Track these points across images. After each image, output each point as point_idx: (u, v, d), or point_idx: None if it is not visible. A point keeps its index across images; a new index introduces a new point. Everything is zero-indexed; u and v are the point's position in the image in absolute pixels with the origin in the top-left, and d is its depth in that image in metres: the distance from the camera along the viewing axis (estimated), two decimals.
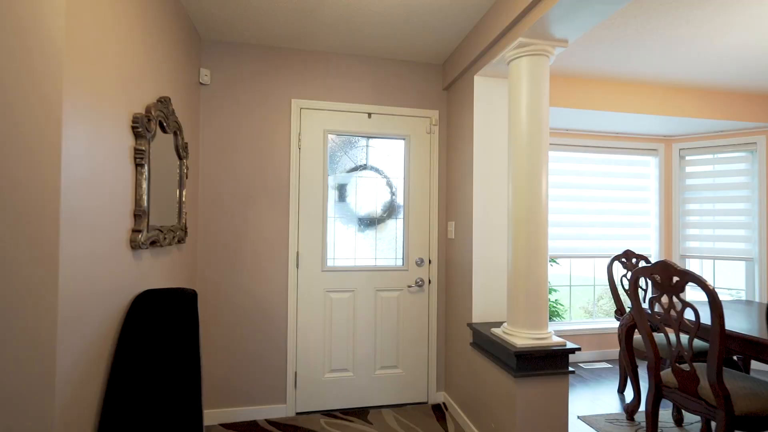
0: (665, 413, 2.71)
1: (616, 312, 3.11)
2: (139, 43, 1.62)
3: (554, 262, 4.67)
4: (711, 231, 3.90)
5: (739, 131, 3.74)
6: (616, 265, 4.96)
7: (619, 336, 2.73)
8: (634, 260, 3.24)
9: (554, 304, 4.71)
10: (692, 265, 4.10)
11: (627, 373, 2.82)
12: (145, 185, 1.61)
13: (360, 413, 2.66)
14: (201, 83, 2.50)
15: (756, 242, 3.66)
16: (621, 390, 3.06)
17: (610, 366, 3.70)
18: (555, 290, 4.77)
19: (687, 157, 4.01)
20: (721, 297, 4.36)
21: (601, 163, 3.97)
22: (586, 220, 3.90)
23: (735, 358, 3.09)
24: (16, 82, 1.06)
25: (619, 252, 3.89)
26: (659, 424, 2.56)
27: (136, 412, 1.41)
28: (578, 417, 2.67)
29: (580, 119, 3.48)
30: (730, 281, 4.49)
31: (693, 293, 4.23)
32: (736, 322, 2.25)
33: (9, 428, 1.02)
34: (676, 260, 4.00)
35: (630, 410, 2.63)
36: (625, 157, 4.03)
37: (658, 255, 4.04)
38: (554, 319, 4.65)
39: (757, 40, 2.47)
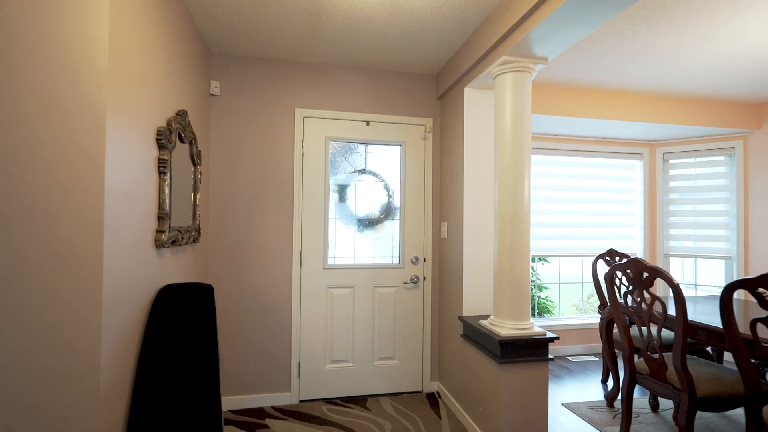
0: (643, 401, 2.92)
1: (599, 307, 3.31)
2: (162, 63, 1.81)
3: (544, 260, 4.87)
4: (693, 231, 4.11)
5: (718, 136, 3.95)
6: (601, 263, 5.16)
7: (600, 329, 2.93)
8: (617, 258, 3.43)
9: (544, 301, 4.91)
10: (675, 264, 4.30)
11: (607, 363, 3.02)
12: (167, 191, 1.81)
13: (359, 401, 2.86)
14: (211, 94, 2.69)
15: (734, 242, 3.87)
16: (604, 380, 3.26)
17: (596, 359, 3.91)
18: (546, 288, 4.97)
19: (670, 161, 4.22)
20: (704, 293, 4.56)
21: (589, 167, 4.17)
22: (574, 221, 4.10)
23: (709, 350, 3.30)
24: (68, 105, 1.25)
25: (605, 251, 4.08)
26: (638, 411, 2.76)
27: (162, 391, 1.60)
28: (562, 404, 2.87)
29: (569, 125, 3.68)
30: (711, 279, 4.70)
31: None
32: (713, 317, 2.44)
33: (66, 397, 1.21)
34: (659, 259, 4.20)
35: (610, 397, 2.84)
36: (612, 160, 4.23)
37: (642, 254, 4.24)
38: (544, 315, 4.85)
39: (729, 55, 2.67)
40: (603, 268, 5.33)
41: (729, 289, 1.74)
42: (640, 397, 2.99)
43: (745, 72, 2.95)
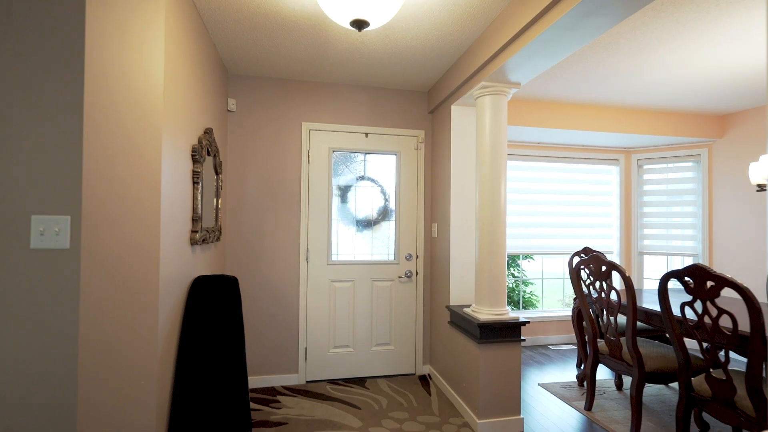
0: (609, 381, 3.29)
1: (574, 299, 3.68)
2: (195, 90, 2.16)
3: (530, 258, 5.23)
4: (664, 231, 4.49)
5: (686, 144, 4.32)
6: (577, 259, 5.54)
7: (572, 318, 3.30)
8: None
9: (529, 295, 5.28)
10: (649, 261, 4.68)
11: (579, 348, 3.39)
12: (199, 197, 2.16)
13: (359, 382, 3.22)
14: (228, 110, 3.05)
15: (700, 240, 4.25)
16: (579, 365, 3.63)
17: (574, 347, 4.28)
18: (531, 283, 5.34)
19: (644, 166, 4.59)
20: (675, 287, 4.92)
21: (570, 172, 4.54)
22: (557, 221, 4.48)
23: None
24: (136, 133, 1.60)
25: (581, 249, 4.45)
26: (605, 389, 3.13)
27: (199, 361, 1.96)
28: (539, 384, 3.25)
29: (552, 134, 4.04)
30: None
31: (644, 286, 4.80)
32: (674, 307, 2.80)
33: (135, 356, 1.57)
34: (634, 256, 4.58)
35: (580, 378, 3.21)
36: (591, 166, 4.60)
37: (618, 252, 4.62)
38: (528, 308, 5.22)
39: (682, 76, 3.04)
40: None
41: (664, 279, 2.11)
42: (608, 378, 3.37)
43: (704, 89, 3.32)
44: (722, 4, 2.10)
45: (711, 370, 2.03)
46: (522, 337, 2.49)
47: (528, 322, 2.48)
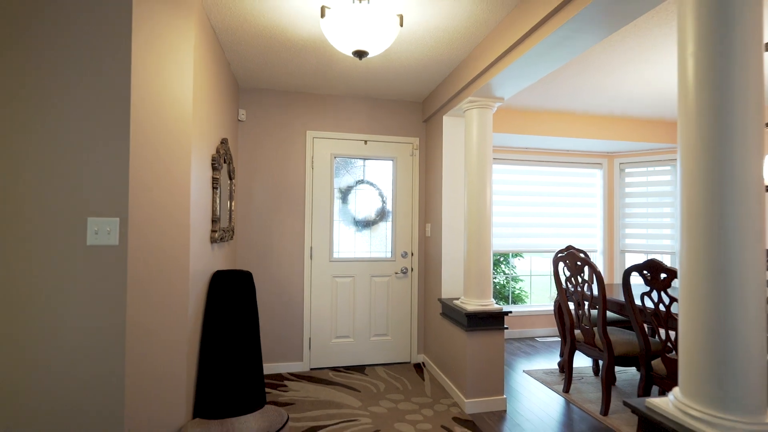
0: (588, 368, 3.59)
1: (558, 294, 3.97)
2: (214, 104, 2.44)
3: (519, 256, 5.52)
4: (645, 230, 4.79)
5: (664, 150, 4.62)
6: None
7: (554, 311, 3.59)
8: None
9: (519, 291, 5.58)
10: (631, 258, 4.99)
11: (561, 339, 3.68)
12: (217, 201, 2.44)
13: (359, 369, 3.51)
14: (239, 120, 3.32)
15: (678, 239, 4.54)
16: (562, 354, 3.92)
17: (559, 339, 4.57)
18: (521, 280, 5.64)
19: (626, 170, 4.89)
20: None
21: (556, 175, 4.83)
22: (544, 222, 4.77)
23: (646, 327, 3.96)
24: (168, 145, 1.88)
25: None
26: (582, 375, 3.42)
27: (220, 344, 2.24)
28: (523, 371, 3.54)
29: (540, 140, 4.33)
30: None
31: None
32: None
33: (166, 341, 1.85)
34: (616, 254, 4.88)
35: (561, 365, 3.50)
36: (576, 169, 4.89)
37: (602, 250, 4.91)
38: (518, 302, 5.51)
39: (649, 90, 3.34)
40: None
41: (626, 273, 2.40)
42: (587, 366, 3.66)
43: (670, 100, 3.62)
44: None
45: (670, 354, 2.32)
46: (505, 326, 2.78)
47: (510, 312, 2.76)
